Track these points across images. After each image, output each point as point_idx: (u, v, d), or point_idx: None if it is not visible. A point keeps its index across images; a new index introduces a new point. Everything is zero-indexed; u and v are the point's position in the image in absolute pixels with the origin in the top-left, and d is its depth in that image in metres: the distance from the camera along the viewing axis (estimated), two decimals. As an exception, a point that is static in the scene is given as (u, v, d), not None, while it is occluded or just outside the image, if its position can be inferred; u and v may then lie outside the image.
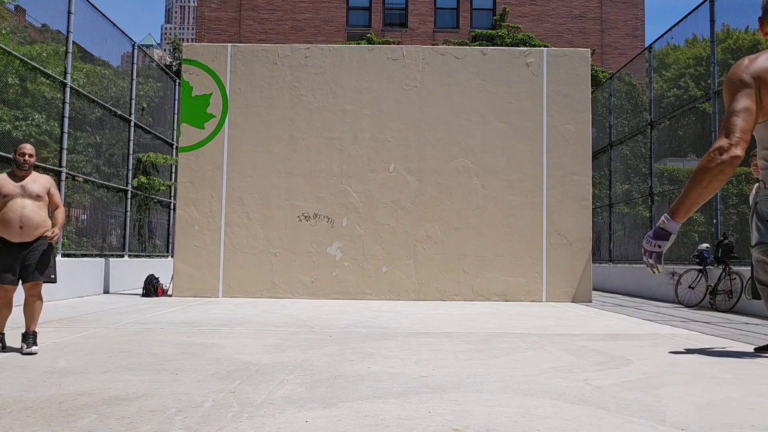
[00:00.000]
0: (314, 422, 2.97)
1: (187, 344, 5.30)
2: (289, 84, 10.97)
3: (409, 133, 10.91)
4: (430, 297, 10.61)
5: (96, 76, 11.67)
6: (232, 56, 11.01)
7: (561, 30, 24.14)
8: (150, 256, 13.89)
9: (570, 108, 10.92)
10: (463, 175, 10.84)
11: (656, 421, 3.07)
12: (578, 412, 3.25)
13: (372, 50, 11.33)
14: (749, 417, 3.20)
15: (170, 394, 3.48)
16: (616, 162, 15.11)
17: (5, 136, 8.72)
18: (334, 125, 10.90)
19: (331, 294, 10.58)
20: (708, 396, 3.65)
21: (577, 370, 4.43)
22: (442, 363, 4.63)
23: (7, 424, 2.88)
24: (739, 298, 9.20)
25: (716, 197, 10.44)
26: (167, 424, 2.90)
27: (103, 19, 11.62)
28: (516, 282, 10.67)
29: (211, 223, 10.64)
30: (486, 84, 10.98)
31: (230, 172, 10.76)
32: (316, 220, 10.73)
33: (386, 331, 6.41)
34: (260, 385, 3.77)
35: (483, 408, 3.28)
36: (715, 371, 4.48)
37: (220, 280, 10.54)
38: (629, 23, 24.56)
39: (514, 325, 7.17)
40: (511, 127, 10.91)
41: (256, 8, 24.33)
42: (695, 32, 13.15)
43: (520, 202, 10.78)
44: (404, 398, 3.48)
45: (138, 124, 13.13)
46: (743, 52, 12.80)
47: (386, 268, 10.72)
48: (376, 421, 3.01)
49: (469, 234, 10.75)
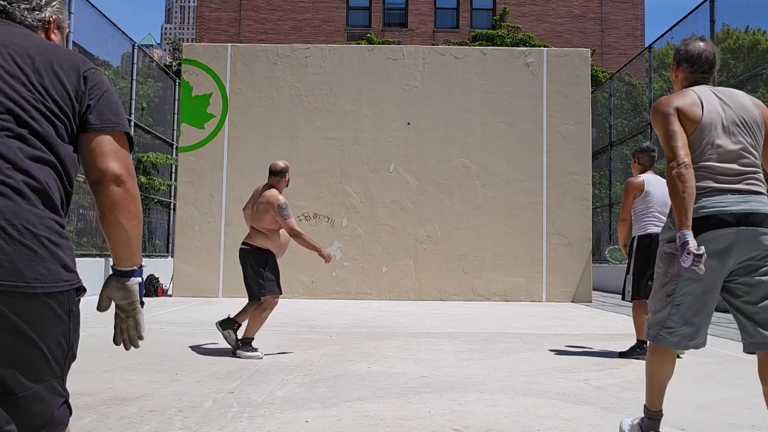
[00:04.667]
0: (314, 422, 2.97)
1: (187, 344, 5.31)
2: (289, 84, 10.97)
3: (409, 133, 10.91)
4: (430, 297, 10.61)
5: (96, 76, 11.65)
6: (232, 56, 11.01)
7: (561, 30, 24.13)
8: (150, 256, 13.89)
9: (570, 108, 10.91)
10: (463, 175, 10.83)
11: (656, 421, 3.07)
12: (578, 412, 3.25)
13: (372, 50, 11.33)
14: (749, 417, 3.20)
15: (170, 394, 3.48)
16: (616, 162, 15.10)
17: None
18: (334, 125, 10.90)
19: (331, 294, 10.58)
20: (708, 396, 3.65)
21: (577, 370, 4.43)
22: (442, 363, 4.63)
23: (7, 424, 2.87)
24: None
25: (716, 197, 10.44)
26: (167, 424, 2.90)
27: (103, 19, 11.62)
28: (516, 282, 10.66)
29: (211, 223, 10.64)
30: (486, 84, 10.98)
31: (230, 172, 10.76)
32: (316, 220, 10.73)
33: (386, 331, 6.41)
34: (260, 385, 3.77)
35: (483, 408, 3.28)
36: (715, 371, 4.48)
37: (220, 280, 10.54)
38: (629, 23, 24.55)
39: (514, 325, 7.17)
40: (511, 127, 10.91)
41: (256, 8, 24.33)
42: (695, 32, 13.15)
43: (520, 202, 10.78)
44: (404, 398, 3.48)
45: (138, 124, 13.13)
46: (743, 52, 12.81)
47: (386, 268, 10.72)
48: (376, 421, 3.01)
49: (469, 234, 10.74)
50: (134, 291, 1.51)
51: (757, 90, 11.21)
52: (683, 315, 2.46)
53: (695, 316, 2.46)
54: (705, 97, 2.54)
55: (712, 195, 2.43)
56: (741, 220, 2.37)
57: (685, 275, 2.44)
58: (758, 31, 12.92)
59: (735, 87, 11.06)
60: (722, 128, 2.49)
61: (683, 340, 2.50)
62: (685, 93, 2.58)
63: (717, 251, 2.38)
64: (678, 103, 2.51)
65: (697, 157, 2.48)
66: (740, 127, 2.51)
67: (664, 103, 2.55)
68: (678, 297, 2.47)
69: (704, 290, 2.44)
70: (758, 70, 10.24)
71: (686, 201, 2.35)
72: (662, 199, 5.08)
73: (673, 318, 2.49)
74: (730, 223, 2.37)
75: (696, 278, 2.41)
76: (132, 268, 1.50)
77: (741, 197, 2.41)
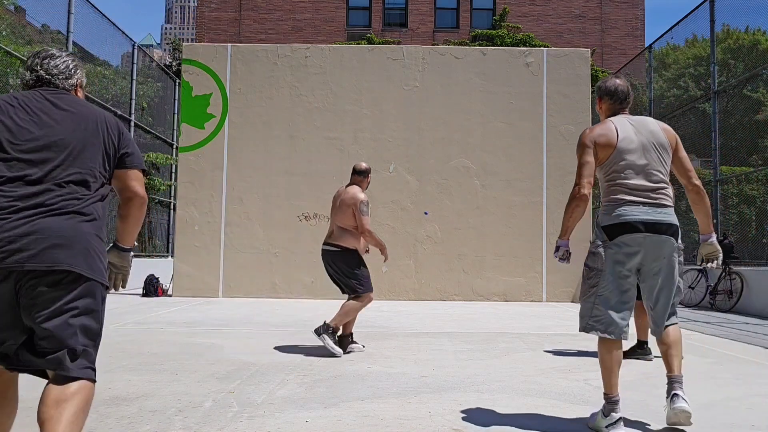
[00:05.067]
0: (314, 422, 2.97)
1: (187, 344, 5.31)
2: (289, 84, 10.97)
3: (409, 133, 10.91)
4: (430, 297, 10.60)
5: (96, 76, 11.67)
6: (232, 56, 11.00)
7: (561, 30, 24.13)
8: (150, 256, 13.89)
9: (570, 108, 10.91)
10: (463, 175, 10.83)
11: (656, 421, 3.08)
12: (578, 412, 3.25)
13: (372, 50, 11.33)
14: (749, 417, 3.20)
15: (170, 394, 3.49)
16: (616, 162, 15.08)
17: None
18: (334, 125, 10.90)
19: (331, 294, 10.56)
20: (708, 396, 3.66)
21: (577, 370, 4.43)
22: (442, 363, 4.63)
23: (7, 424, 2.88)
24: (739, 298, 9.20)
25: (716, 198, 10.44)
26: (167, 424, 2.90)
27: (103, 19, 11.63)
28: (516, 282, 10.66)
29: (211, 223, 10.64)
30: (486, 84, 10.98)
31: (230, 172, 10.76)
32: (316, 220, 10.73)
33: (386, 331, 6.41)
34: (260, 385, 3.77)
35: (483, 408, 3.29)
36: (715, 371, 4.48)
37: (220, 280, 10.54)
38: (629, 23, 24.55)
39: (514, 325, 7.17)
40: (511, 127, 10.91)
41: (256, 8, 24.33)
42: (695, 32, 13.15)
43: (520, 202, 10.78)
44: (404, 398, 3.48)
45: (138, 124, 13.13)
46: (743, 52, 12.81)
47: (386, 268, 10.71)
48: (376, 421, 3.01)
49: (469, 234, 10.74)
50: (128, 259, 2.30)
51: (757, 90, 11.21)
52: (606, 304, 2.94)
53: (616, 304, 2.93)
54: (620, 126, 3.07)
55: (627, 206, 2.94)
56: (648, 227, 2.90)
57: (606, 270, 2.94)
58: (758, 31, 12.92)
59: (735, 86, 11.07)
60: (635, 151, 3.01)
61: (609, 327, 2.93)
62: (604, 124, 3.13)
63: (629, 252, 2.92)
64: (596, 136, 3.04)
65: (615, 175, 3.01)
66: (650, 149, 3.03)
67: (585, 135, 3.08)
68: (600, 289, 2.96)
69: (621, 283, 2.93)
70: (758, 70, 10.24)
71: (570, 221, 3.06)
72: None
73: (597, 307, 2.96)
74: (640, 229, 2.90)
75: (614, 273, 2.93)
76: (130, 247, 2.30)
77: (650, 209, 2.94)
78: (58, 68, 2.22)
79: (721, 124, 10.80)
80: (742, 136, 11.44)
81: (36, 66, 2.20)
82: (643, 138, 3.05)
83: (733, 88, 10.85)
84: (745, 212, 11.14)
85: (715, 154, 10.65)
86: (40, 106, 2.08)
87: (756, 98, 11.17)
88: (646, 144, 3.03)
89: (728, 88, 10.82)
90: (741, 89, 10.95)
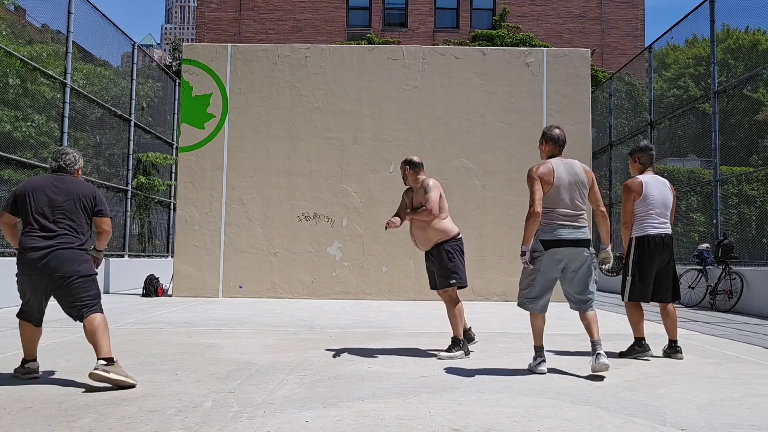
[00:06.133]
0: (314, 422, 2.97)
1: (187, 344, 5.31)
2: (289, 84, 10.97)
3: (409, 133, 10.91)
4: (430, 297, 10.57)
5: (96, 76, 11.67)
6: (232, 56, 11.00)
7: (561, 30, 24.13)
8: (150, 256, 13.89)
9: (570, 108, 10.91)
10: (463, 175, 10.83)
11: (656, 421, 3.08)
12: (578, 412, 3.25)
13: (372, 50, 11.32)
14: (749, 417, 3.20)
15: (170, 394, 3.49)
16: (616, 162, 15.11)
17: (6, 136, 8.72)
18: (334, 125, 10.90)
19: (331, 294, 10.58)
20: (708, 396, 3.66)
21: (577, 370, 4.43)
22: (441, 363, 4.64)
23: (7, 424, 2.88)
24: (739, 298, 9.20)
25: (716, 198, 10.44)
26: (167, 424, 2.90)
27: (103, 19, 11.62)
28: (516, 282, 10.60)
29: (211, 223, 10.64)
30: (486, 84, 10.98)
31: (230, 172, 10.76)
32: (316, 220, 10.73)
33: (386, 331, 6.42)
34: (260, 385, 3.77)
35: (483, 408, 3.29)
36: (715, 371, 4.48)
37: (220, 280, 10.54)
38: (629, 23, 24.55)
39: (514, 325, 7.17)
40: (511, 127, 10.91)
41: (256, 8, 24.33)
42: (695, 32, 13.15)
43: (520, 202, 10.76)
44: (404, 398, 3.48)
45: (138, 124, 13.13)
46: (743, 52, 12.81)
47: (386, 268, 10.72)
48: (376, 421, 3.01)
49: (469, 234, 10.72)
50: (102, 255, 4.08)
51: (757, 90, 11.21)
52: (537, 291, 4.36)
53: (541, 291, 4.37)
54: (556, 167, 4.31)
55: (559, 228, 4.26)
56: (572, 243, 4.25)
57: (540, 269, 4.31)
58: (758, 31, 12.92)
59: (735, 87, 11.07)
60: (564, 187, 4.28)
61: (536, 304, 4.40)
62: (545, 164, 4.35)
63: (557, 258, 4.26)
64: (542, 173, 4.29)
65: (552, 204, 4.28)
66: (575, 186, 4.31)
67: (534, 171, 4.30)
68: (536, 281, 4.36)
69: (548, 278, 4.35)
70: (758, 70, 10.23)
71: (529, 232, 4.27)
72: (661, 200, 5.06)
73: (531, 291, 4.40)
74: (566, 244, 4.25)
75: (545, 272, 4.31)
76: (102, 250, 4.06)
77: (573, 230, 4.28)
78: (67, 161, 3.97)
79: (721, 124, 10.80)
80: (742, 136, 11.43)
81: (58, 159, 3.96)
82: (571, 178, 4.30)
83: (733, 88, 10.85)
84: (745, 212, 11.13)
85: (715, 154, 10.65)
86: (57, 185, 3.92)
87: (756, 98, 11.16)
88: (573, 182, 4.29)
89: (728, 88, 10.82)
90: (741, 89, 10.95)
